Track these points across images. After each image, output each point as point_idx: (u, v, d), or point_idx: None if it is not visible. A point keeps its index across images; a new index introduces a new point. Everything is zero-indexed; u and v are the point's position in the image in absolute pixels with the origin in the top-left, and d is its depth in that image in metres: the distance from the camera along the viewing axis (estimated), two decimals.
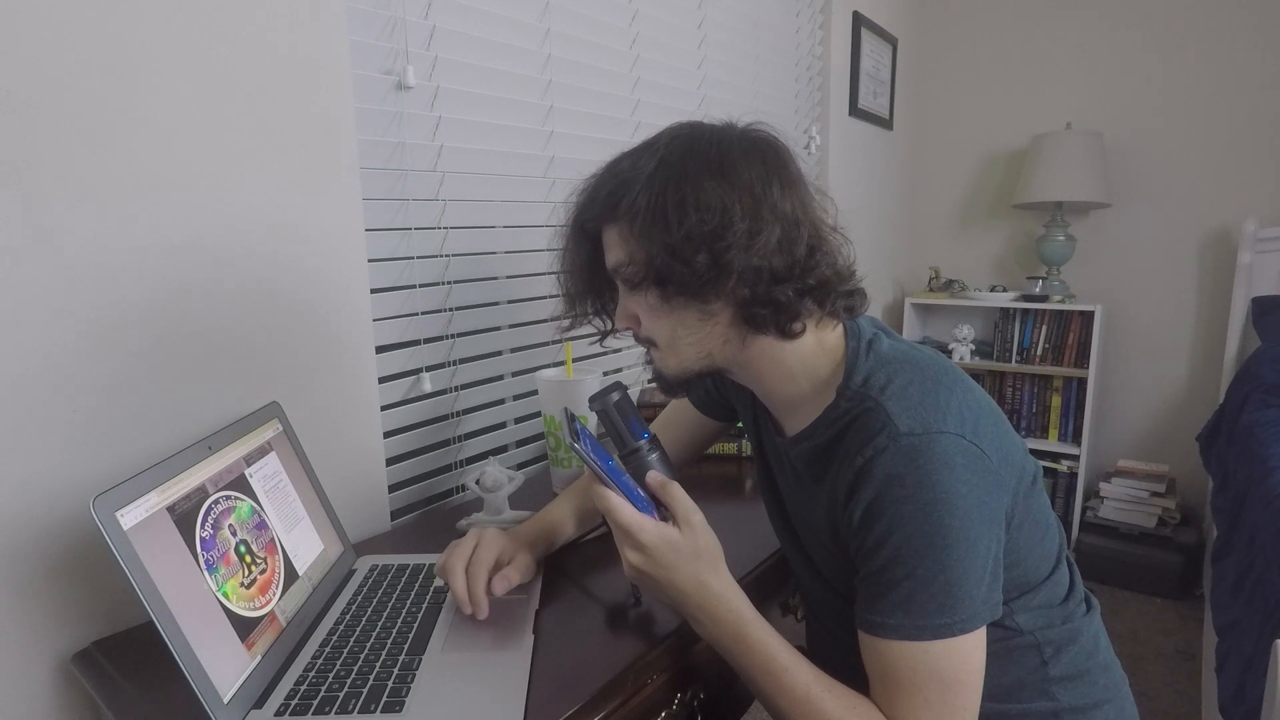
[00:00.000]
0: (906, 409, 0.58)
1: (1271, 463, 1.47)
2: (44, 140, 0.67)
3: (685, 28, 1.57)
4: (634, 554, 0.63)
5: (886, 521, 0.57)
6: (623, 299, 0.70)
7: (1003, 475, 0.60)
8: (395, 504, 1.05)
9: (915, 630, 0.57)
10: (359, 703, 0.59)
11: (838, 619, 0.75)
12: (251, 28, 0.82)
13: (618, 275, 0.67)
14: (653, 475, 0.68)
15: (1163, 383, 2.59)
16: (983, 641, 0.59)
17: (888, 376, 0.62)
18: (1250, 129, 2.35)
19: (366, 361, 0.99)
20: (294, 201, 0.88)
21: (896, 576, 0.57)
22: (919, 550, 0.56)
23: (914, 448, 0.56)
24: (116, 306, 0.74)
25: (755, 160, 0.63)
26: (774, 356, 0.67)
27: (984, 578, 0.58)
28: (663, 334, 0.67)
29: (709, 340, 0.66)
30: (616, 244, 0.66)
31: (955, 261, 2.92)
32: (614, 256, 0.67)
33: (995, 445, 0.59)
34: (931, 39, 2.84)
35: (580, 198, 0.70)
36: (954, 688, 0.58)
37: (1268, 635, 1.05)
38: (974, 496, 0.57)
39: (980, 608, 0.58)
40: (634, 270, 0.64)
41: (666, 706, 0.70)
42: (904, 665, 0.58)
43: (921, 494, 0.56)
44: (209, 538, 0.62)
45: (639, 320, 0.69)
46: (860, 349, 0.65)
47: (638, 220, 0.62)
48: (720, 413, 0.92)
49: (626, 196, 0.63)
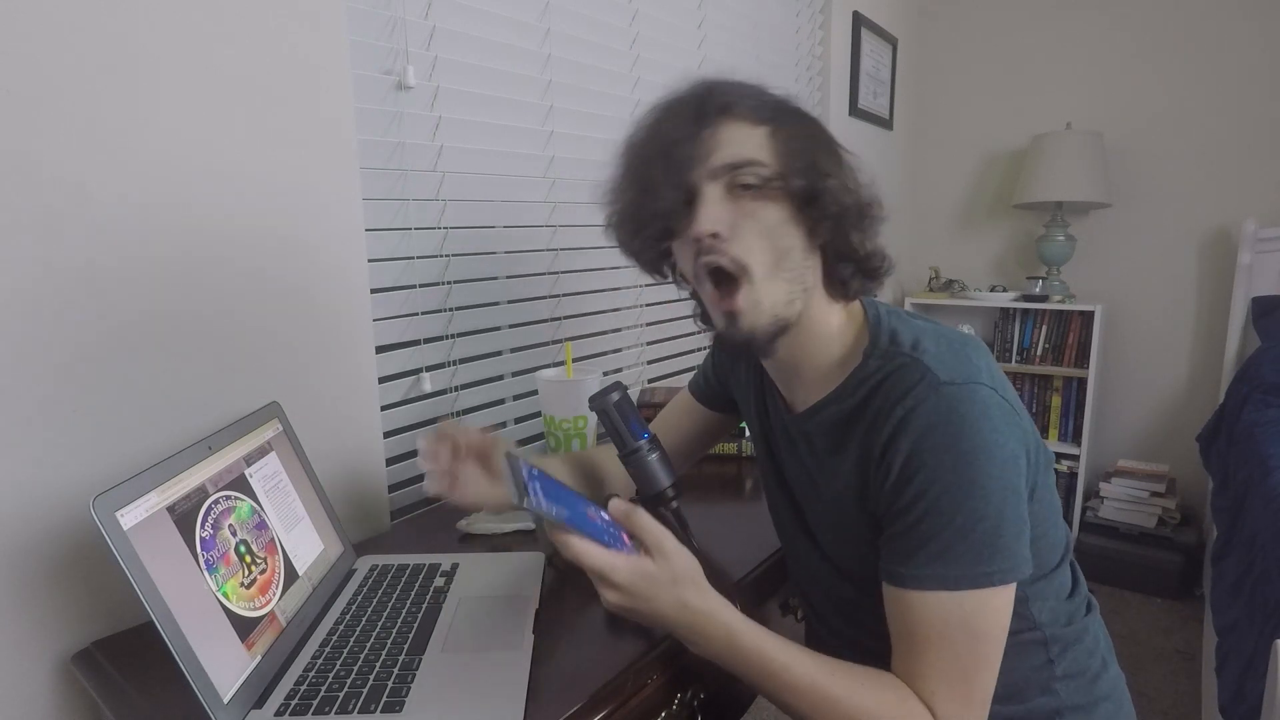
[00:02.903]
0: (942, 362, 0.60)
1: (1271, 463, 1.47)
2: (44, 140, 0.67)
3: (685, 28, 1.57)
4: (611, 594, 0.60)
5: (927, 472, 0.57)
6: (714, 203, 0.61)
7: (1029, 436, 0.61)
8: (395, 504, 1.05)
9: (953, 580, 0.57)
10: (359, 703, 0.59)
11: (842, 615, 0.76)
12: (251, 28, 0.82)
13: (737, 172, 0.60)
14: (615, 504, 0.62)
15: (1163, 383, 2.59)
16: (1011, 601, 0.59)
17: (915, 336, 0.63)
18: (1250, 129, 2.35)
19: (366, 361, 0.99)
20: (294, 201, 0.88)
21: (935, 527, 0.57)
22: (959, 499, 0.56)
23: (956, 396, 0.57)
24: (117, 306, 0.74)
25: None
26: (821, 321, 0.67)
27: (1022, 530, 0.58)
28: (769, 257, 0.61)
29: (799, 281, 0.64)
30: (750, 142, 0.61)
31: (955, 261, 2.92)
32: (743, 152, 0.61)
33: (1020, 403, 0.61)
34: (931, 39, 2.84)
35: (709, 84, 0.64)
36: (982, 640, 0.57)
37: (1268, 635, 1.05)
38: (1010, 448, 0.57)
39: (1019, 560, 0.58)
40: (768, 175, 0.60)
41: (666, 706, 0.70)
42: (935, 617, 0.57)
43: (963, 442, 0.56)
44: (209, 538, 0.62)
45: (734, 228, 0.61)
46: (881, 316, 0.67)
47: (803, 135, 0.63)
48: (721, 404, 0.92)
49: (785, 110, 0.64)
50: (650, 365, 1.57)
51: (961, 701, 0.58)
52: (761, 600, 0.88)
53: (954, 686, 0.57)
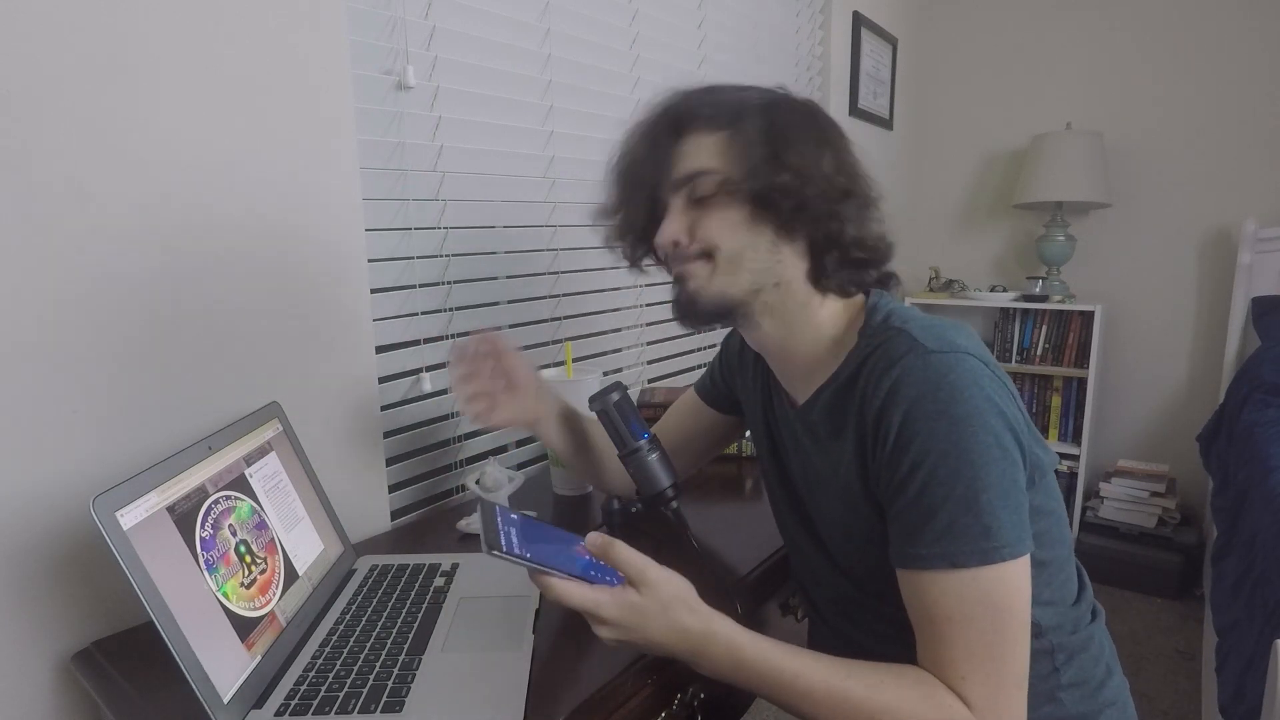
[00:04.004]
0: (931, 333, 0.60)
1: (1271, 463, 1.47)
2: (43, 140, 0.67)
3: (685, 28, 1.57)
4: (604, 630, 0.59)
5: (921, 441, 0.57)
6: (678, 211, 0.68)
7: (1022, 424, 0.60)
8: (395, 504, 1.05)
9: (963, 556, 0.55)
10: (359, 703, 0.59)
11: (845, 615, 0.75)
12: (251, 28, 0.82)
13: (692, 183, 0.66)
14: (591, 538, 0.61)
15: (1163, 383, 2.59)
16: (1028, 573, 0.58)
17: (907, 316, 0.65)
18: (1250, 129, 2.35)
19: (366, 362, 0.99)
20: (293, 201, 0.88)
21: (936, 500, 0.56)
22: (955, 468, 0.56)
23: (944, 364, 0.58)
24: (117, 307, 0.74)
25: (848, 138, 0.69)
26: (811, 313, 0.69)
27: (1021, 502, 0.58)
28: (731, 246, 0.66)
29: (766, 275, 0.67)
30: (708, 151, 0.66)
31: (955, 261, 2.92)
32: (698, 162, 0.66)
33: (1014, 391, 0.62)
34: (931, 39, 2.84)
35: (677, 98, 0.69)
36: (1006, 615, 0.56)
37: (1268, 635, 1.05)
38: (1002, 417, 0.57)
39: (1022, 533, 0.57)
40: (725, 180, 0.64)
41: (666, 706, 0.70)
42: (952, 596, 0.56)
43: (954, 408, 0.56)
44: (209, 538, 0.62)
45: (693, 235, 0.67)
46: (879, 303, 0.68)
47: (764, 133, 0.64)
48: (726, 404, 0.91)
49: (746, 109, 0.65)
50: (650, 365, 1.57)
51: (994, 684, 0.55)
52: (761, 600, 0.88)
53: (983, 666, 0.55)
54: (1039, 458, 0.62)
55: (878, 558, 0.63)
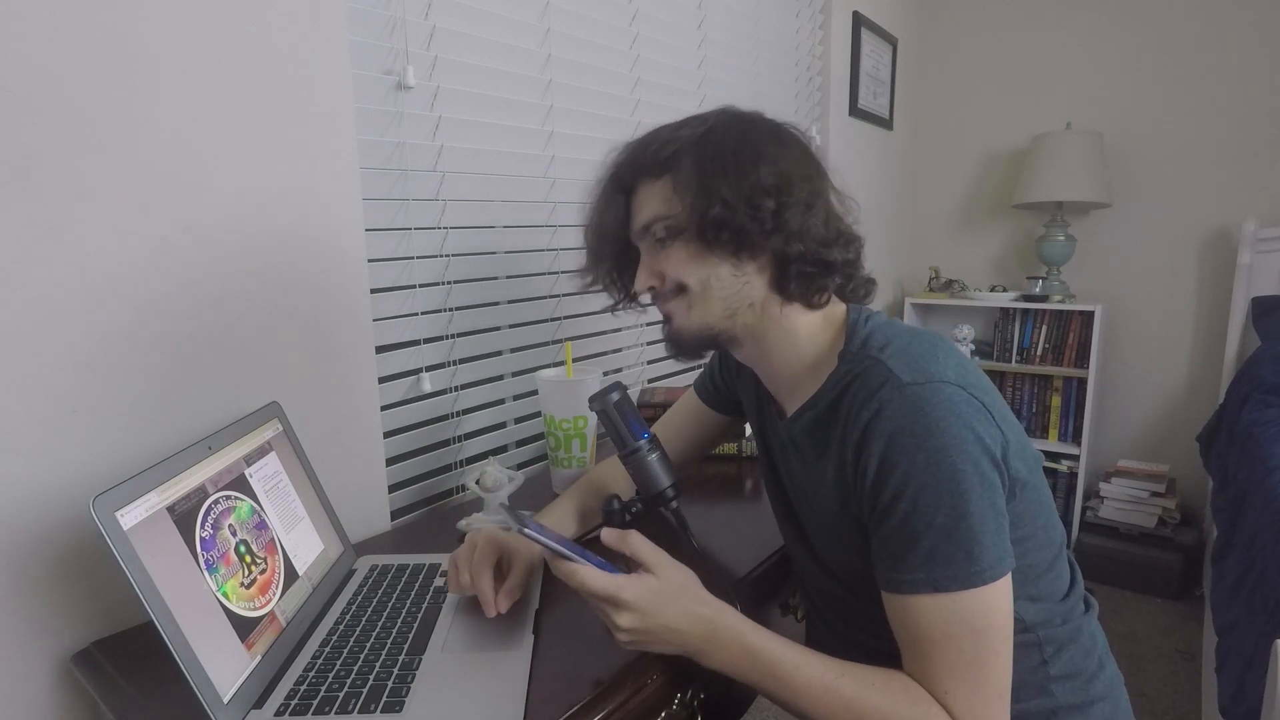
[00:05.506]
0: (907, 363, 0.61)
1: (1271, 463, 1.47)
2: (44, 141, 0.67)
3: (685, 28, 1.57)
4: (623, 615, 0.60)
5: (900, 473, 0.58)
6: (647, 260, 0.72)
7: (1009, 430, 0.61)
8: (395, 504, 1.05)
9: (945, 581, 0.57)
10: (359, 703, 0.59)
11: (840, 616, 0.76)
12: (251, 27, 0.82)
13: (650, 231, 0.70)
14: (606, 533, 0.65)
15: (1163, 383, 2.59)
16: (1009, 590, 0.59)
17: (886, 338, 0.65)
18: (1250, 129, 2.35)
19: (366, 362, 0.99)
20: (293, 201, 0.88)
21: (917, 529, 0.58)
22: (936, 498, 0.57)
23: (919, 396, 0.58)
24: (116, 307, 0.73)
25: (800, 142, 0.71)
26: (788, 328, 0.70)
27: (1002, 524, 0.59)
28: (697, 279, 0.68)
29: (738, 298, 0.68)
30: (655, 199, 0.69)
31: (955, 261, 2.92)
32: (650, 212, 0.69)
33: (993, 401, 0.62)
34: (931, 39, 2.84)
35: (621, 155, 0.73)
36: (986, 635, 0.58)
37: (1268, 635, 1.05)
38: (980, 444, 0.58)
39: (1003, 554, 0.59)
40: (672, 223, 0.67)
41: (666, 706, 0.70)
42: (935, 619, 0.58)
43: (931, 440, 0.57)
44: (209, 538, 0.62)
45: (663, 277, 0.70)
46: (859, 320, 0.69)
47: (695, 170, 0.66)
48: (726, 406, 0.93)
49: (680, 151, 0.67)
50: (650, 365, 1.57)
51: (977, 697, 0.58)
52: (761, 600, 0.88)
53: (965, 682, 0.58)
54: (1019, 472, 0.62)
55: (861, 567, 0.65)
